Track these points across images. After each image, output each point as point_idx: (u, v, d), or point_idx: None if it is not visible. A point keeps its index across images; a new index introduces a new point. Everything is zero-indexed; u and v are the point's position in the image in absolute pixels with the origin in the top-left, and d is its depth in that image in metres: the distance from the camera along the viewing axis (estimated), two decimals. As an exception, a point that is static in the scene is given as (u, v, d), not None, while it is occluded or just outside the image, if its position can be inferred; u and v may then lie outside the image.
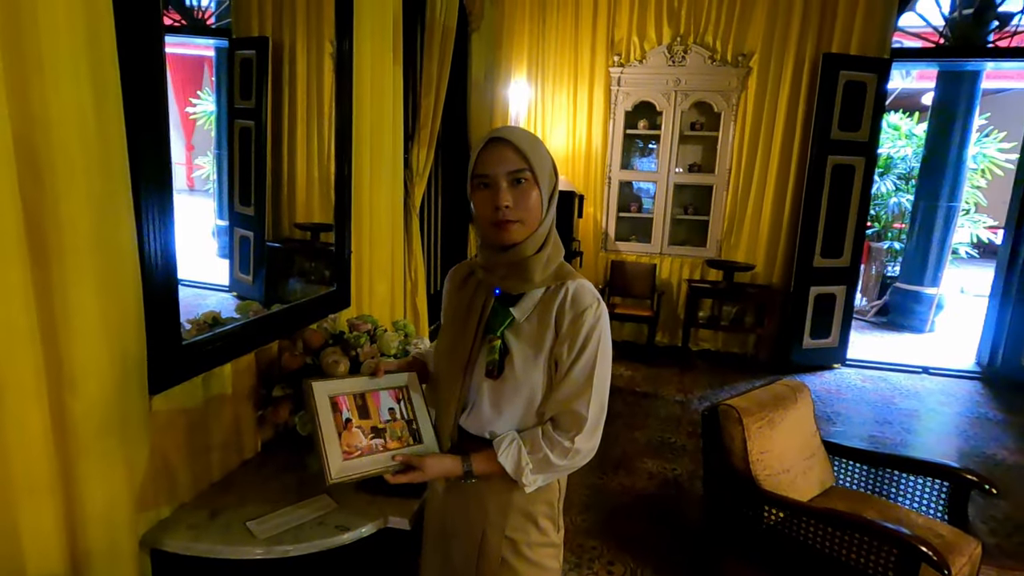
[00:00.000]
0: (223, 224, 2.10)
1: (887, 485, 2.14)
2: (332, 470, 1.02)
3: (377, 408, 1.13)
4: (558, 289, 1.06)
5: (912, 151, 7.11)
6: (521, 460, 1.04)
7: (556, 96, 4.87)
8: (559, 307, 1.05)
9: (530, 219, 1.03)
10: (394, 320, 1.93)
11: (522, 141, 1.02)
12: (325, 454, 1.03)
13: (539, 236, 1.05)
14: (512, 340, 1.07)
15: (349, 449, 1.06)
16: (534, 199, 1.02)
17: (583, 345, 1.03)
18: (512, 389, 1.07)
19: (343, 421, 1.08)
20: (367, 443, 1.09)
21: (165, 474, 1.28)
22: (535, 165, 1.01)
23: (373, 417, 1.12)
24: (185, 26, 1.93)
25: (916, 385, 4.47)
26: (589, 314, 1.04)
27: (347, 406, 1.10)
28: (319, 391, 1.08)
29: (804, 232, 4.45)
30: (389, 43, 2.20)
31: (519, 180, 1.01)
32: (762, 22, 4.42)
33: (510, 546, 1.11)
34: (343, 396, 1.10)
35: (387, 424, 1.13)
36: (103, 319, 1.05)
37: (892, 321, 6.21)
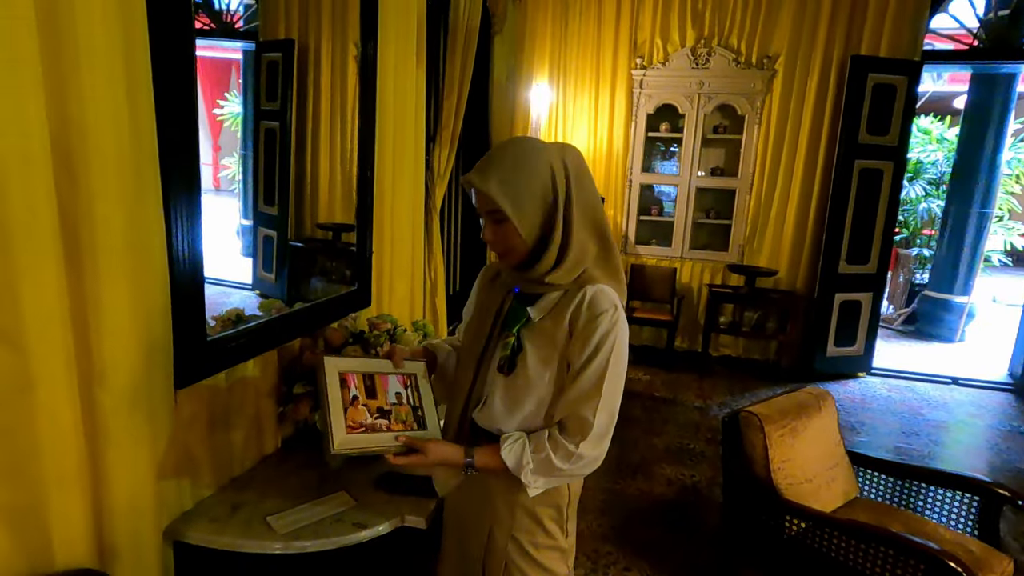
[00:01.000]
0: (247, 223, 2.13)
1: (914, 498, 2.08)
2: (336, 441, 1.06)
3: (385, 390, 1.16)
4: (576, 292, 1.05)
5: (943, 156, 6.93)
6: (523, 457, 1.03)
7: (577, 98, 4.86)
8: (575, 309, 1.04)
9: (513, 251, 1.05)
10: (414, 320, 1.94)
11: (491, 181, 1.00)
12: (330, 425, 1.06)
13: (547, 258, 1.04)
14: (527, 339, 1.08)
15: (353, 424, 1.09)
16: (513, 236, 1.03)
17: (595, 350, 1.02)
18: (523, 387, 1.08)
19: (350, 397, 1.11)
20: (371, 421, 1.11)
21: (188, 468, 1.31)
22: (506, 205, 1.00)
23: (380, 398, 1.15)
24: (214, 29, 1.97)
25: (945, 396, 4.35)
26: (604, 319, 1.02)
27: (355, 384, 1.13)
28: (330, 366, 1.12)
29: (829, 237, 4.36)
30: (413, 45, 2.22)
31: (496, 220, 1.03)
32: (788, 24, 4.36)
33: (516, 546, 1.12)
34: (352, 374, 1.14)
35: (393, 407, 1.16)
36: (132, 315, 1.08)
37: (920, 330, 6.06)
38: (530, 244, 1.04)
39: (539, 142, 1.08)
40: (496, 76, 3.38)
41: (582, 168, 1.07)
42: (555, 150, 1.06)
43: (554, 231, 1.03)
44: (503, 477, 1.07)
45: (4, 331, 0.88)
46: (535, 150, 1.04)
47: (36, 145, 0.89)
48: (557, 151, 1.06)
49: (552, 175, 1.03)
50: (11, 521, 0.93)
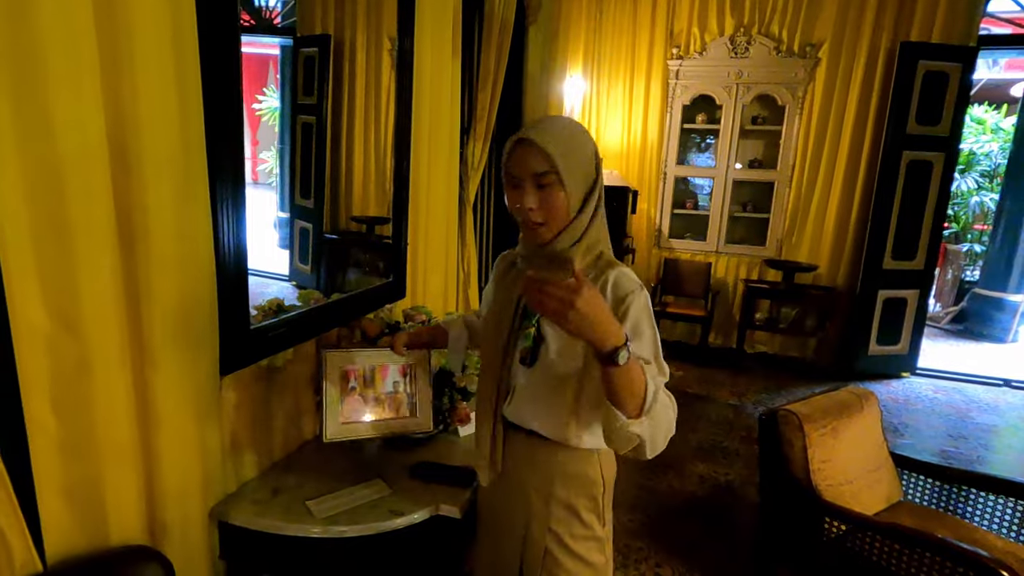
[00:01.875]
0: (284, 216, 2.18)
1: (962, 503, 2.00)
2: (328, 431, 1.22)
3: (384, 379, 1.28)
4: (597, 278, 1.04)
5: (998, 147, 6.59)
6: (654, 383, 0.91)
7: (612, 90, 4.79)
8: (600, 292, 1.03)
9: (556, 220, 1.03)
10: (447, 312, 1.96)
11: (549, 142, 0.99)
12: (325, 418, 1.20)
13: (573, 232, 1.04)
14: (548, 329, 1.06)
15: (346, 417, 1.23)
16: (560, 201, 1.01)
17: (634, 327, 1.00)
18: (547, 378, 1.06)
19: (348, 389, 1.23)
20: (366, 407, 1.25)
21: (232, 451, 1.35)
22: (561, 167, 0.99)
23: (377, 387, 1.27)
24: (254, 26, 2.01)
25: (996, 398, 4.16)
26: (633, 300, 1.00)
27: (355, 376, 1.25)
28: (331, 361, 1.22)
29: (874, 232, 4.20)
30: (448, 38, 2.22)
31: (544, 184, 1.00)
32: (833, 10, 4.20)
33: (554, 538, 1.12)
34: (353, 368, 1.25)
35: (389, 396, 1.28)
36: (181, 303, 1.11)
37: (969, 329, 5.80)
38: (573, 213, 1.03)
39: (580, 124, 1.10)
40: (530, 68, 3.36)
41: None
42: (590, 137, 1.08)
43: (585, 209, 1.04)
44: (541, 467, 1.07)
45: (65, 316, 0.92)
46: (579, 130, 1.06)
47: (94, 141, 0.92)
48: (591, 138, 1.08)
49: (595, 155, 1.06)
50: (71, 496, 0.98)
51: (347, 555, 1.30)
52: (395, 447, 1.57)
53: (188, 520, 1.19)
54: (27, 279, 0.88)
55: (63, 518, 0.98)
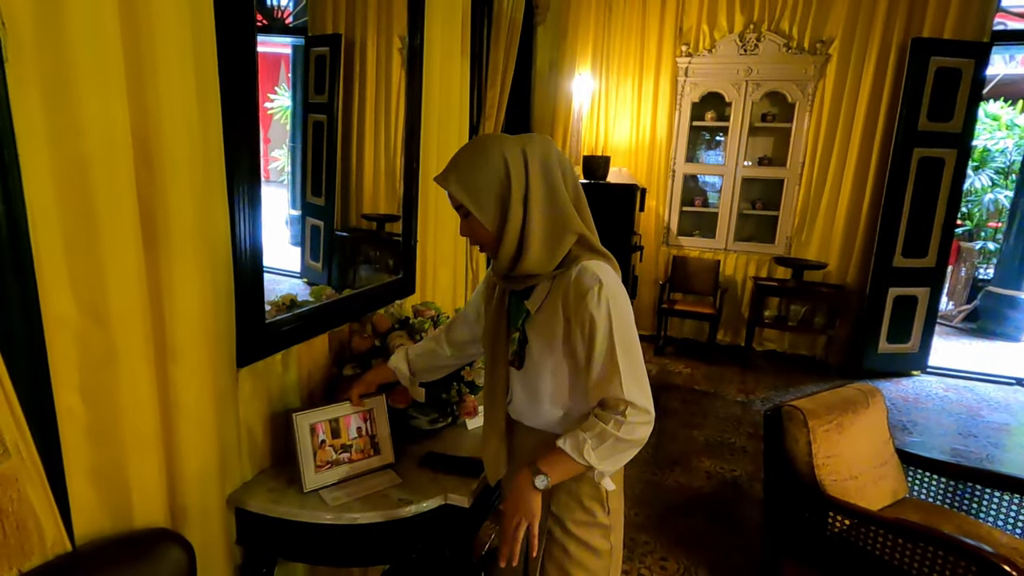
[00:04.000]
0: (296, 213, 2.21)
1: (967, 500, 2.01)
2: (307, 482, 1.37)
3: (347, 428, 1.46)
4: (563, 276, 1.08)
5: (1013, 143, 6.51)
6: (579, 437, 1.04)
7: (620, 87, 4.80)
8: (564, 295, 1.07)
9: (484, 243, 1.12)
10: (456, 308, 1.99)
11: (451, 181, 1.07)
12: (302, 469, 1.36)
13: (505, 247, 1.07)
14: (530, 331, 1.14)
15: (321, 464, 1.40)
16: (477, 226, 1.09)
17: (591, 330, 1.03)
18: (535, 378, 1.15)
19: (319, 442, 1.41)
20: (336, 457, 1.43)
21: (249, 440, 1.40)
22: (465, 199, 1.06)
23: (343, 436, 1.45)
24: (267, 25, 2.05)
25: (1008, 397, 4.13)
26: (590, 298, 1.03)
27: (323, 430, 1.43)
28: (300, 421, 1.39)
29: (884, 229, 4.18)
30: (458, 36, 2.25)
31: (464, 214, 1.10)
32: (844, 6, 4.18)
33: (557, 523, 1.17)
34: (320, 423, 1.42)
35: (354, 440, 1.47)
36: (201, 297, 1.16)
37: (982, 328, 5.75)
38: (494, 233, 1.09)
39: (499, 137, 1.11)
40: (539, 66, 3.38)
41: (548, 157, 1.08)
42: (514, 142, 1.08)
43: (510, 220, 1.05)
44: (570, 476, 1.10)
45: (93, 307, 0.97)
46: (490, 145, 1.07)
47: (119, 139, 0.97)
48: (516, 143, 1.08)
49: (506, 166, 1.05)
50: (98, 480, 1.03)
51: (358, 542, 1.34)
52: (406, 439, 1.61)
53: (207, 506, 1.24)
54: (58, 273, 0.92)
55: (90, 500, 1.02)
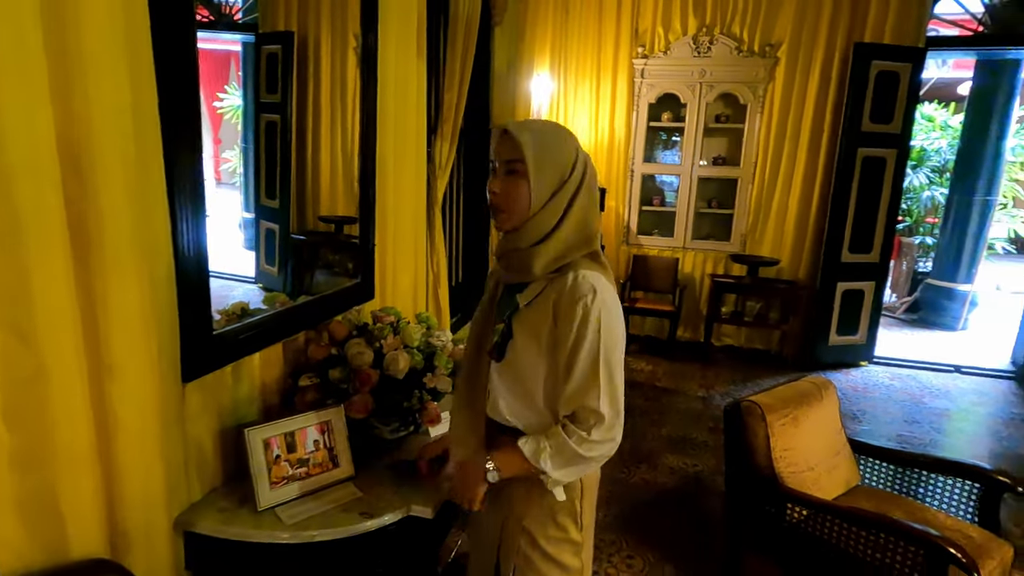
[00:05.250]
0: (249, 217, 2.14)
1: (915, 485, 2.10)
2: (261, 500, 1.30)
3: (303, 442, 1.41)
4: (559, 279, 1.06)
5: (947, 143, 6.89)
6: (539, 444, 1.05)
7: (579, 88, 4.83)
8: (556, 296, 1.05)
9: (515, 210, 1.05)
10: (417, 312, 1.95)
11: (524, 132, 1.03)
12: (256, 487, 1.30)
13: (533, 228, 1.05)
14: (516, 326, 1.10)
15: (277, 480, 1.34)
16: (522, 190, 1.03)
17: (578, 338, 1.02)
18: (515, 374, 1.11)
19: (273, 458, 1.34)
20: (292, 472, 1.37)
21: (197, 459, 1.33)
22: (529, 158, 1.01)
23: (299, 450, 1.39)
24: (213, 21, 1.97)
25: (947, 384, 4.36)
26: (581, 306, 1.02)
27: (278, 444, 1.36)
28: (253, 436, 1.33)
29: (832, 226, 4.35)
30: (413, 36, 2.21)
31: (512, 170, 1.04)
32: (791, 11, 4.32)
33: (528, 538, 1.14)
34: (275, 437, 1.36)
35: (311, 454, 1.41)
36: (140, 308, 1.09)
37: (923, 318, 6.05)
38: (534, 209, 1.04)
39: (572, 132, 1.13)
40: (497, 67, 3.36)
41: (594, 174, 1.11)
42: (579, 144, 1.10)
43: (550, 208, 1.05)
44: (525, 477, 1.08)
45: (14, 323, 0.89)
46: (567, 134, 1.09)
47: (43, 144, 0.89)
48: (580, 146, 1.10)
49: (575, 159, 1.07)
50: (26, 511, 0.95)
51: (318, 560, 1.29)
52: (368, 450, 1.56)
53: (151, 531, 1.17)
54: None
55: (18, 534, 0.94)
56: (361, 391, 1.51)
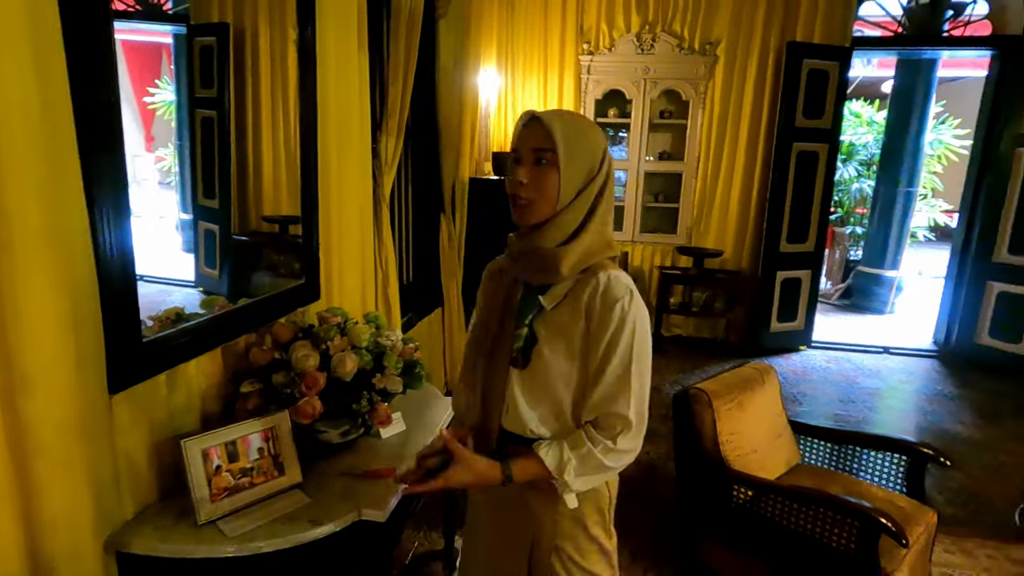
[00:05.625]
0: (187, 218, 2.04)
1: (850, 461, 2.22)
2: (200, 513, 1.24)
3: (247, 450, 1.35)
4: (589, 279, 1.01)
5: (873, 138, 7.31)
6: (563, 455, 0.99)
7: (526, 83, 4.85)
8: (589, 298, 1.00)
9: (542, 202, 0.99)
10: (365, 312, 1.90)
11: (554, 121, 0.97)
12: (195, 500, 1.24)
13: (560, 226, 0.99)
14: (540, 329, 1.03)
15: (218, 492, 1.28)
16: (551, 182, 0.98)
17: (614, 341, 0.98)
18: (542, 380, 1.03)
19: (213, 468, 1.29)
20: (235, 483, 1.31)
21: (129, 474, 1.25)
22: (560, 148, 0.96)
23: (242, 459, 1.34)
24: (139, 11, 1.86)
25: (878, 364, 4.64)
26: (619, 308, 0.98)
27: (218, 454, 1.30)
28: (191, 447, 1.26)
29: (771, 218, 4.54)
30: (354, 29, 2.15)
31: (540, 160, 0.98)
32: (728, 11, 4.47)
33: (561, 555, 1.08)
34: (214, 447, 1.30)
35: (255, 463, 1.35)
36: (56, 316, 1.01)
37: (855, 303, 6.41)
38: (562, 203, 0.99)
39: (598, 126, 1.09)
40: (443, 62, 3.31)
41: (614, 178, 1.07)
42: (606, 139, 1.06)
43: (578, 203, 1.00)
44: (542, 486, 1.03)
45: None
46: (594, 127, 1.04)
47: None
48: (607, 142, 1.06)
49: (603, 155, 1.02)
50: (-72, 543, 0.87)
51: (267, 572, 1.24)
52: (316, 455, 1.51)
53: (79, 554, 1.09)
54: None
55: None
56: (307, 395, 1.46)
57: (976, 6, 4.56)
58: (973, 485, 2.87)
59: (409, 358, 1.68)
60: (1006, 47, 4.38)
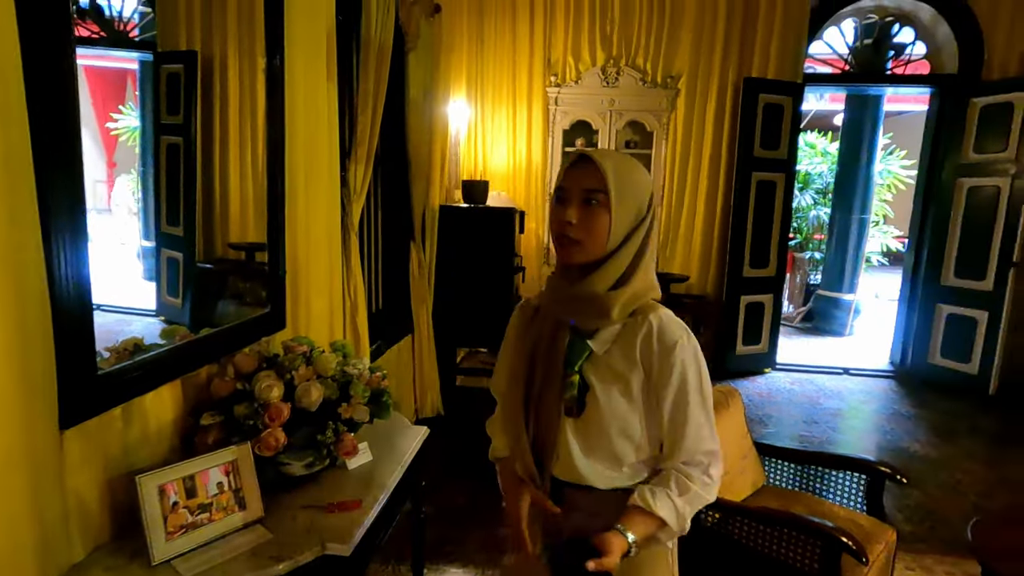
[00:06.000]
0: (149, 245, 2.00)
1: (814, 481, 2.27)
2: (155, 553, 1.19)
3: (205, 485, 1.31)
4: (640, 322, 1.00)
5: (827, 167, 7.67)
6: (676, 504, 0.97)
7: (496, 115, 4.95)
8: (644, 342, 0.99)
9: (591, 243, 0.97)
10: (332, 340, 1.89)
11: (607, 163, 0.96)
12: (149, 538, 1.20)
13: (612, 269, 0.98)
14: (592, 375, 1.01)
15: (174, 529, 1.24)
16: (602, 222, 0.96)
17: (683, 387, 0.98)
18: (596, 427, 1.00)
19: (170, 505, 1.24)
20: (192, 520, 1.27)
21: (80, 513, 1.20)
22: (612, 189, 0.95)
23: (200, 494, 1.30)
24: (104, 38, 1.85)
25: (839, 385, 4.78)
26: (679, 349, 0.98)
27: (175, 490, 1.26)
28: (146, 483, 1.22)
29: (733, 244, 4.69)
30: (323, 59, 2.18)
31: (590, 200, 0.96)
32: (688, 47, 4.68)
33: None
34: (171, 483, 1.26)
35: (214, 498, 1.31)
36: (5, 347, 0.98)
37: (816, 326, 6.62)
38: (612, 245, 0.98)
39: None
40: (412, 93, 3.37)
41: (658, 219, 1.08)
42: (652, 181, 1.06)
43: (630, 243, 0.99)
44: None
45: None
46: (641, 168, 1.04)
47: None
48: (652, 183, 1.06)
49: (650, 197, 1.02)
50: None
51: (223, 613, 1.19)
52: (280, 488, 1.48)
53: (21, 600, 1.03)
54: None
55: None
56: (271, 426, 1.44)
57: (915, 47, 4.89)
58: (930, 503, 2.95)
59: (376, 387, 1.67)
60: (943, 84, 4.69)
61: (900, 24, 4.85)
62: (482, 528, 2.58)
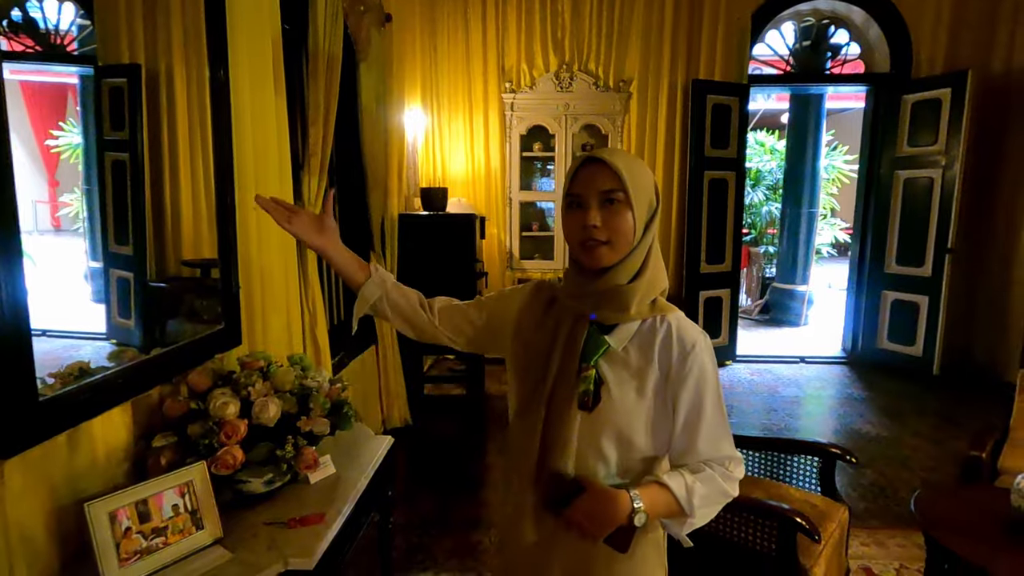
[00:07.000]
0: (97, 266, 1.94)
1: (773, 467, 2.35)
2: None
3: (160, 508, 1.28)
4: (658, 323, 1.00)
5: (777, 164, 7.96)
6: (685, 480, 0.96)
7: (452, 122, 4.97)
8: (662, 343, 0.99)
9: (619, 242, 0.97)
10: (290, 355, 1.86)
11: (618, 161, 0.97)
12: (100, 567, 1.16)
13: (633, 262, 0.99)
14: (607, 369, 1.00)
15: (127, 555, 1.20)
16: (627, 221, 0.97)
17: (700, 386, 0.99)
18: (607, 421, 0.99)
19: (122, 531, 1.21)
20: (146, 545, 1.23)
21: (24, 547, 1.15)
22: (630, 186, 0.96)
23: (155, 518, 1.27)
24: (40, 52, 1.79)
25: (796, 374, 4.96)
26: (698, 352, 0.99)
27: (127, 516, 1.23)
28: (96, 510, 1.18)
29: (690, 242, 4.82)
30: (269, 71, 2.16)
31: (610, 200, 0.96)
32: (638, 51, 4.81)
33: None
34: (123, 508, 1.22)
35: (169, 521, 1.28)
36: (-65, 380, 0.94)
37: (773, 318, 6.85)
38: (636, 240, 0.98)
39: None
40: (365, 102, 3.35)
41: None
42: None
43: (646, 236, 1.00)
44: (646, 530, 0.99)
45: None
46: (644, 164, 1.04)
47: None
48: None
49: (655, 190, 1.03)
50: None
51: (182, 638, 1.17)
52: (240, 506, 1.45)
53: (-38, 641, 0.99)
54: None
55: None
56: (227, 444, 1.41)
57: (850, 47, 5.14)
58: (882, 480, 3.10)
59: (337, 398, 1.66)
60: (877, 83, 4.95)
61: (835, 26, 5.10)
62: (452, 536, 2.58)
